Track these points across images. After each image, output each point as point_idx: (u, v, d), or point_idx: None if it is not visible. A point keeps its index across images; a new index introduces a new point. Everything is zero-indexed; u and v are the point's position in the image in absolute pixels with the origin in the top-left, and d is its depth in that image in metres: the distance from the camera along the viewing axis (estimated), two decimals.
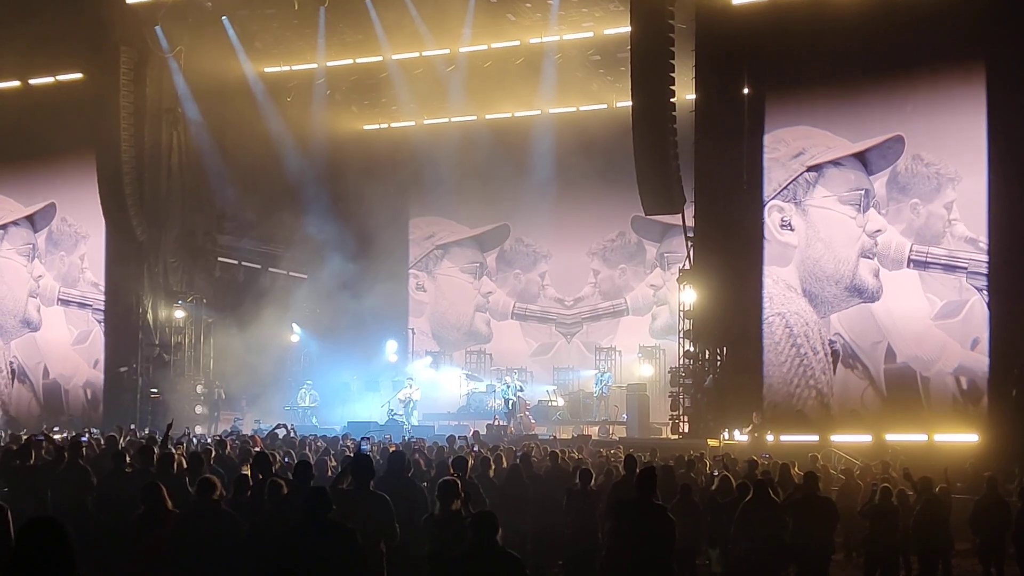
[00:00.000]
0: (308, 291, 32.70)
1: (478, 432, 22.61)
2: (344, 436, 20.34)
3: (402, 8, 27.23)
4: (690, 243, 24.60)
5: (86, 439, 17.04)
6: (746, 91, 23.97)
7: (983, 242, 21.76)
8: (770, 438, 21.42)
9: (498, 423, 26.98)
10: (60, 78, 30.10)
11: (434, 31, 28.12)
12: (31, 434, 16.49)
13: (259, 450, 14.13)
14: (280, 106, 31.35)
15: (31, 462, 11.92)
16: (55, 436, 18.54)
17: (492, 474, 12.78)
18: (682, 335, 24.53)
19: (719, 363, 23.92)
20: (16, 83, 30.57)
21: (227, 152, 30.27)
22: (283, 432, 20.36)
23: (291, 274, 33.55)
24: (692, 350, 24.29)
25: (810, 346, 23.29)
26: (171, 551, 7.96)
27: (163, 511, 8.33)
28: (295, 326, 32.72)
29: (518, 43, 28.92)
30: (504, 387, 28.89)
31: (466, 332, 34.63)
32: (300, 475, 9.05)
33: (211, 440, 18.95)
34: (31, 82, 30.44)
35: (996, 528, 12.97)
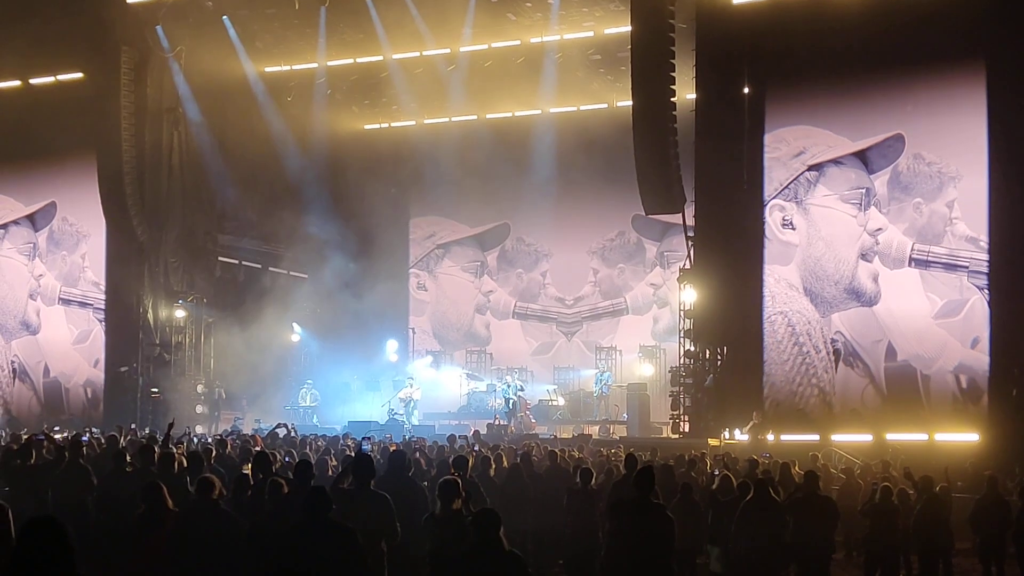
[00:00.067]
0: (309, 291, 32.72)
1: (479, 431, 22.61)
2: (345, 436, 20.33)
3: (403, 7, 27.24)
4: (690, 242, 24.60)
5: (86, 438, 17.05)
6: (746, 90, 23.97)
7: (984, 241, 21.76)
8: (770, 437, 21.44)
9: (499, 422, 26.98)
10: (61, 78, 30.11)
11: (434, 30, 28.13)
12: (31, 433, 16.48)
13: (259, 449, 14.13)
14: (281, 106, 31.38)
15: (32, 461, 11.91)
16: (55, 435, 18.54)
17: (493, 473, 12.79)
18: (682, 334, 24.55)
19: (719, 362, 23.92)
20: (17, 83, 30.60)
21: (228, 152, 30.28)
22: (283, 431, 20.37)
23: (292, 274, 33.55)
24: (692, 349, 24.30)
25: (812, 344, 23.29)
26: (170, 550, 7.96)
27: (163, 511, 8.32)
28: (296, 326, 32.73)
29: (518, 42, 28.93)
30: (505, 386, 28.86)
31: (466, 332, 34.65)
32: (300, 475, 9.04)
33: (211, 440, 18.94)
34: (32, 82, 30.46)
35: (996, 527, 12.96)
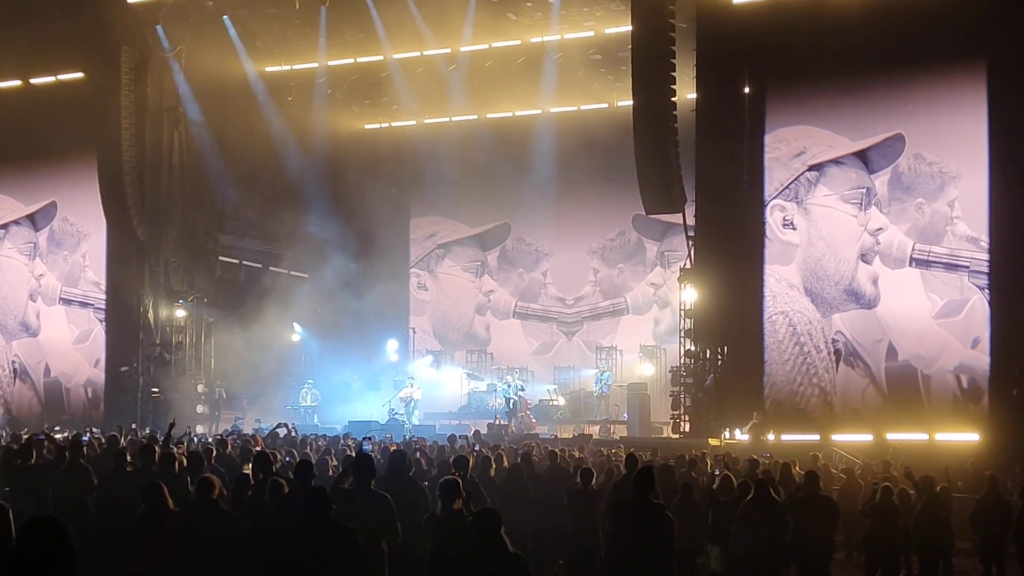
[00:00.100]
0: (309, 290, 32.72)
1: (479, 431, 22.61)
2: (345, 435, 20.34)
3: (403, 7, 27.24)
4: (691, 242, 24.58)
5: (87, 438, 17.06)
6: (747, 90, 23.96)
7: (984, 241, 21.75)
8: (771, 437, 21.42)
9: (499, 422, 26.96)
10: (61, 77, 30.11)
11: (435, 30, 28.13)
12: (32, 433, 16.49)
13: (260, 449, 14.13)
14: (281, 105, 31.38)
15: (32, 461, 11.91)
16: (56, 435, 18.55)
17: (493, 473, 12.79)
18: (683, 334, 24.54)
19: (720, 362, 23.92)
20: (17, 82, 30.59)
21: (228, 151, 30.27)
22: (284, 431, 20.37)
23: (292, 273, 33.56)
24: (693, 349, 24.29)
25: (813, 344, 23.28)
26: (170, 550, 7.96)
27: (164, 511, 8.32)
28: (296, 325, 32.73)
29: (519, 42, 28.93)
30: (505, 386, 28.86)
31: (466, 333, 34.63)
32: (301, 474, 9.04)
33: (212, 439, 18.94)
34: (32, 81, 30.46)
35: (997, 527, 12.96)
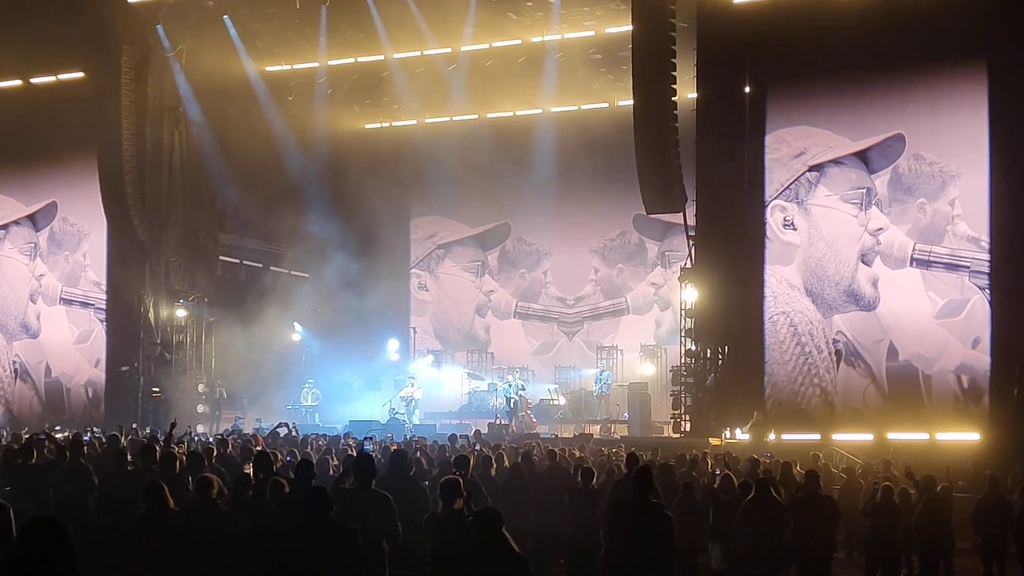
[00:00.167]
0: (310, 290, 32.72)
1: (480, 431, 22.60)
2: (346, 435, 20.34)
3: (403, 7, 27.25)
4: (691, 242, 24.57)
5: (87, 438, 17.06)
6: (747, 89, 23.95)
7: (985, 241, 21.74)
8: (771, 437, 21.40)
9: (500, 422, 26.95)
10: (61, 77, 30.10)
11: (435, 30, 28.14)
12: (33, 433, 16.50)
13: (260, 449, 14.13)
14: (281, 105, 31.38)
15: (33, 461, 11.92)
16: (56, 435, 18.57)
17: (494, 473, 12.79)
18: (684, 334, 24.54)
19: (720, 362, 23.91)
20: (18, 82, 30.59)
21: (229, 151, 30.27)
22: (285, 431, 20.37)
23: (293, 273, 33.55)
24: (694, 349, 24.28)
25: (814, 345, 23.26)
26: (169, 550, 7.96)
27: (164, 510, 8.31)
28: (296, 325, 32.71)
29: (519, 42, 28.95)
30: (506, 386, 28.85)
31: (467, 333, 34.59)
32: (302, 474, 9.04)
33: (212, 439, 18.95)
34: (33, 81, 30.45)
35: (998, 527, 12.96)
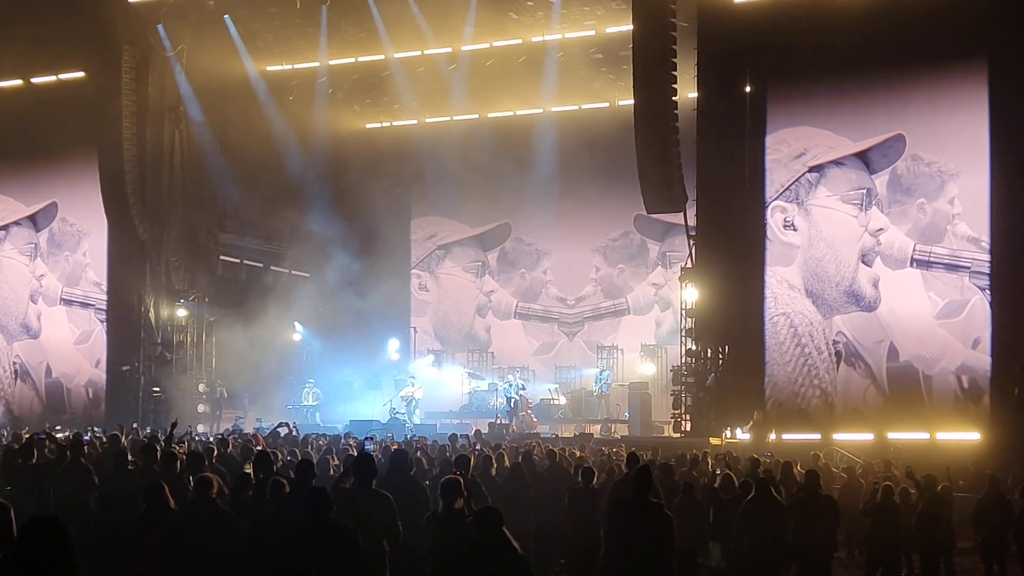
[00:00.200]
0: (310, 289, 32.71)
1: (480, 430, 22.61)
2: (346, 435, 20.34)
3: (404, 6, 27.24)
4: (692, 241, 24.56)
5: (88, 438, 17.06)
6: (748, 89, 23.93)
7: (985, 241, 21.72)
8: (772, 437, 21.40)
9: (500, 421, 26.95)
10: (62, 77, 30.11)
11: (436, 29, 28.13)
12: (33, 433, 16.51)
13: (261, 449, 14.12)
14: (282, 105, 31.37)
15: (33, 461, 11.92)
16: (57, 435, 18.57)
17: (494, 472, 12.78)
18: (684, 333, 24.53)
19: (721, 361, 23.90)
20: (18, 82, 30.60)
21: (229, 151, 30.27)
22: (285, 430, 20.37)
23: (293, 272, 33.54)
24: (694, 348, 24.27)
25: (814, 346, 23.25)
26: (169, 550, 7.96)
27: (165, 510, 8.31)
28: (297, 324, 32.70)
29: (520, 41, 28.94)
30: (506, 385, 28.83)
31: (467, 334, 34.56)
32: (302, 474, 9.04)
33: (213, 439, 18.95)
34: (33, 81, 30.46)
35: (998, 526, 12.96)
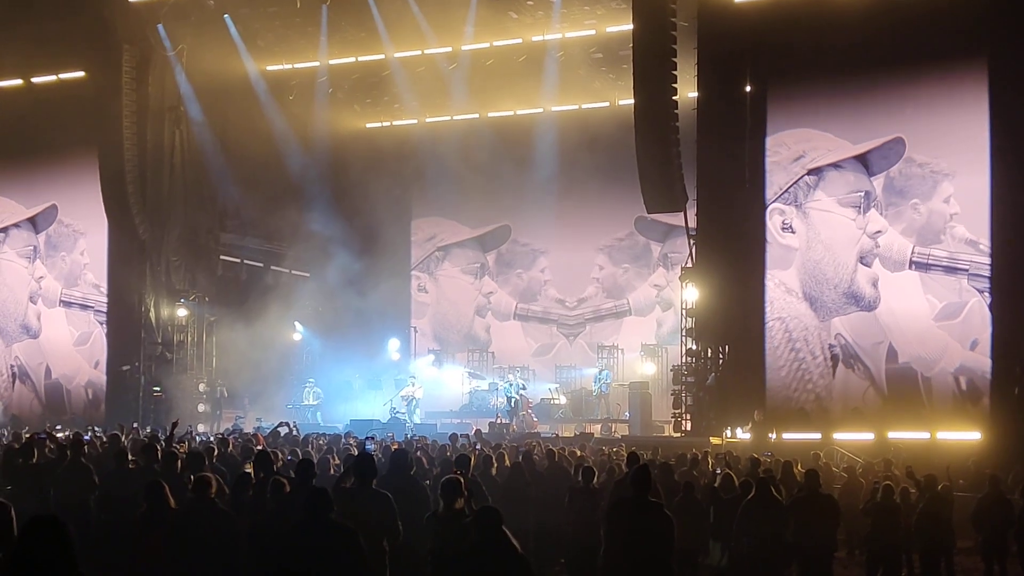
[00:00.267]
0: (311, 289, 32.71)
1: (480, 430, 22.60)
2: (347, 434, 20.33)
3: (404, 6, 27.23)
4: (692, 241, 24.55)
5: (88, 437, 17.06)
6: (748, 89, 23.92)
7: (984, 244, 21.72)
8: (772, 436, 21.39)
9: (500, 421, 26.95)
10: (62, 76, 30.11)
11: (436, 29, 28.13)
12: (34, 432, 16.52)
13: (261, 448, 14.12)
14: (282, 104, 31.37)
15: (34, 460, 11.92)
16: (57, 434, 18.57)
17: (495, 472, 12.78)
18: (684, 333, 24.53)
19: (721, 361, 23.90)
20: (18, 81, 30.60)
21: (229, 150, 30.26)
22: (285, 430, 20.36)
23: (293, 272, 33.53)
24: (694, 348, 24.27)
25: (808, 350, 23.22)
26: (168, 549, 7.96)
27: (165, 510, 8.32)
28: (298, 324, 32.69)
29: (520, 41, 28.93)
30: (506, 385, 28.83)
31: (466, 335, 34.53)
32: (302, 473, 9.04)
33: (213, 438, 18.95)
34: (33, 80, 30.47)
35: (999, 526, 12.95)
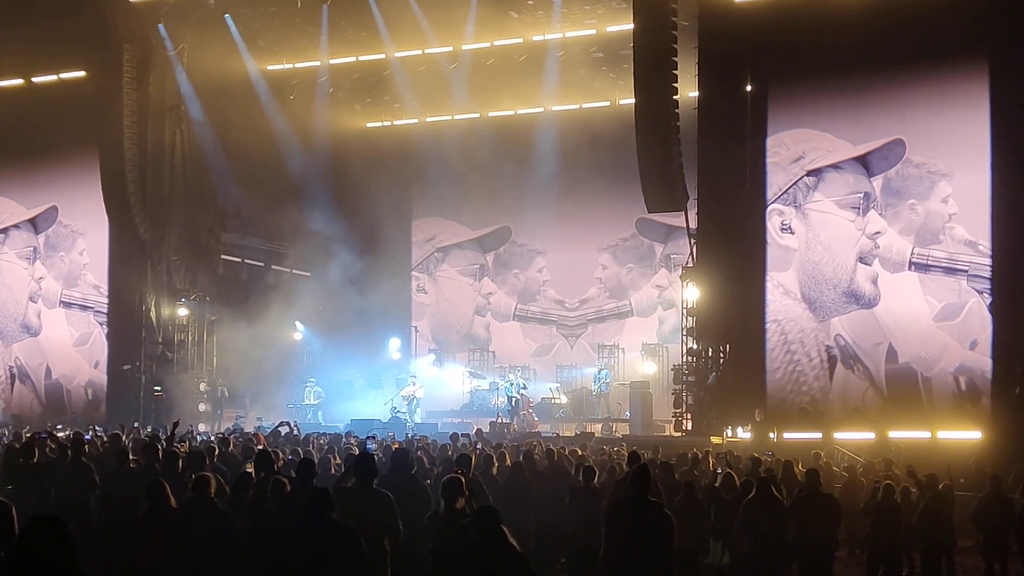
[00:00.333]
0: (311, 289, 32.68)
1: (481, 430, 22.59)
2: (348, 434, 20.33)
3: (405, 5, 27.23)
4: (693, 240, 24.55)
5: (89, 437, 17.06)
6: (749, 88, 23.92)
7: (983, 245, 21.74)
8: (773, 436, 21.38)
9: (501, 421, 26.93)
10: (63, 76, 30.14)
11: (437, 28, 28.13)
12: (34, 432, 16.51)
13: (262, 448, 14.13)
14: (283, 104, 31.37)
15: (34, 460, 11.92)
16: (58, 434, 18.57)
17: (495, 471, 12.78)
18: (685, 332, 24.53)
19: (722, 360, 23.90)
20: (19, 81, 30.61)
21: (230, 150, 30.27)
22: (286, 429, 20.37)
23: (294, 272, 33.51)
24: (695, 347, 24.27)
25: (804, 352, 23.23)
26: (168, 549, 7.96)
27: (166, 509, 8.32)
28: (298, 323, 32.68)
29: (521, 40, 28.92)
30: (507, 384, 28.83)
31: (466, 335, 34.49)
32: (303, 473, 9.04)
33: (214, 438, 18.95)
34: (34, 80, 30.48)
35: (999, 525, 12.96)
